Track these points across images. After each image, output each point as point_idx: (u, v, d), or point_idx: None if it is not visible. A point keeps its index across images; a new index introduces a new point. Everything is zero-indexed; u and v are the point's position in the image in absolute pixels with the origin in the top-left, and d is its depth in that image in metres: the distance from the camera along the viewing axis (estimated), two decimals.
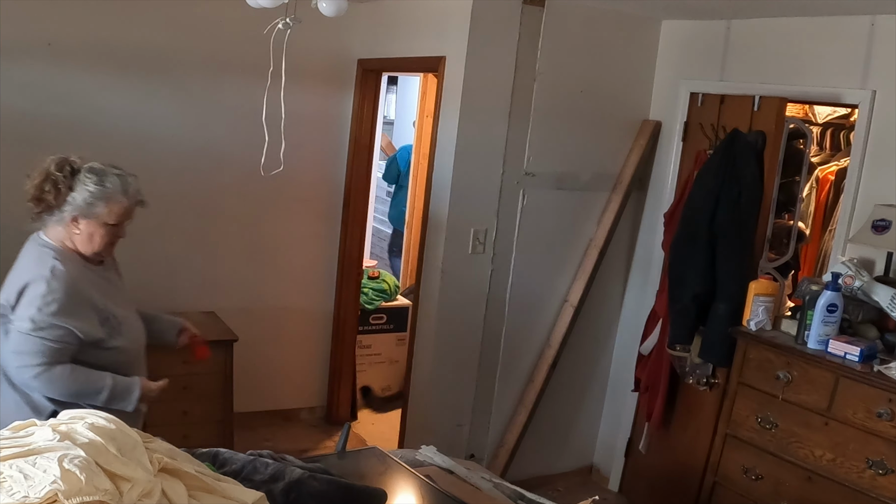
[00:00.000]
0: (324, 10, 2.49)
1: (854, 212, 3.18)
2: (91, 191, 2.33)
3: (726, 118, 3.56)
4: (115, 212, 2.37)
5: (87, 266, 2.41)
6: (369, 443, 4.09)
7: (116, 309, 2.44)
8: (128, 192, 2.38)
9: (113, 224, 2.38)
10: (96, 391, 2.33)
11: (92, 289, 2.38)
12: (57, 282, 2.29)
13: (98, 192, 2.33)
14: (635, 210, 4.12)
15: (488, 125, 3.63)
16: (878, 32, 3.11)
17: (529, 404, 3.97)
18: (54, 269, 2.31)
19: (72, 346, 2.30)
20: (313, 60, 4.16)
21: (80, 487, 1.35)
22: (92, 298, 2.36)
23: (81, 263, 2.39)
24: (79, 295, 2.33)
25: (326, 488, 1.89)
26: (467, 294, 3.76)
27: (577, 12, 3.72)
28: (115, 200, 2.35)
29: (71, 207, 2.34)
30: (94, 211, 2.34)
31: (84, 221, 2.35)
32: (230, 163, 4.05)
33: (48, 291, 2.27)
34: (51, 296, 2.27)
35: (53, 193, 2.34)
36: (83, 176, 2.35)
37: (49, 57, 3.64)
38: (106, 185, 2.35)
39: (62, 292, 2.28)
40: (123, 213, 2.39)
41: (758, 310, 3.13)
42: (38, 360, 2.27)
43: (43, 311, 2.26)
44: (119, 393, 2.36)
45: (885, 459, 2.65)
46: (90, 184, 2.34)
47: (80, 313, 2.31)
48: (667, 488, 3.70)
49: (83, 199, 2.33)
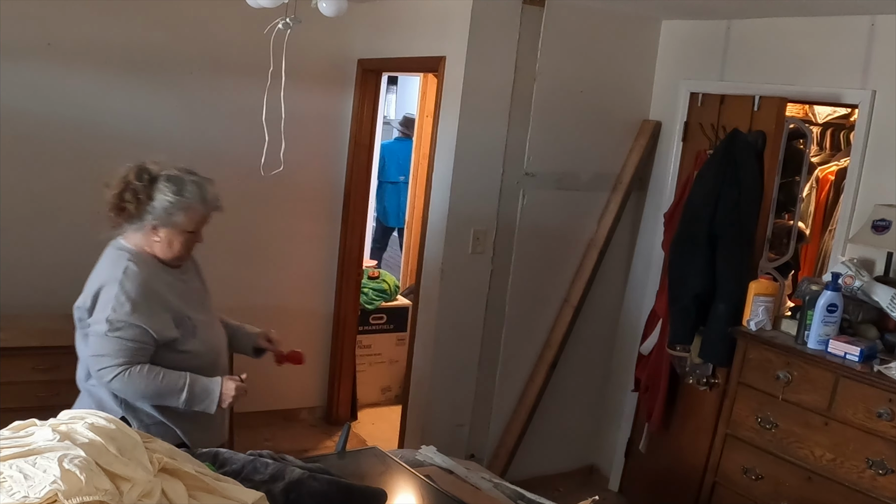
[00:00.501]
0: (324, 10, 2.50)
1: (854, 212, 3.18)
2: (170, 200, 2.34)
3: (726, 118, 3.56)
4: (194, 219, 2.39)
5: (163, 269, 2.43)
6: (369, 443, 4.09)
7: (192, 312, 2.45)
8: (206, 199, 2.39)
9: (191, 231, 2.40)
10: (176, 391, 2.32)
11: (167, 290, 2.39)
12: (130, 282, 2.31)
13: (177, 201, 2.34)
14: (635, 210, 4.12)
15: (488, 125, 3.63)
16: (878, 32, 3.11)
17: (529, 404, 3.97)
18: (127, 269, 2.33)
19: (148, 346, 2.32)
20: (313, 60, 4.16)
21: (80, 487, 1.35)
22: (166, 299, 2.38)
23: (158, 266, 2.42)
24: (153, 295, 2.34)
25: (326, 488, 1.89)
26: (467, 294, 3.76)
27: (577, 12, 3.72)
28: (193, 209, 2.37)
29: (151, 217, 2.35)
30: (174, 220, 2.36)
31: (163, 230, 2.37)
32: (230, 162, 4.04)
33: (121, 292, 2.30)
34: (124, 296, 2.29)
35: (134, 203, 2.35)
36: (161, 185, 2.36)
37: (49, 57, 3.64)
38: (185, 194, 2.35)
39: (135, 292, 2.30)
40: (201, 220, 2.42)
41: (758, 310, 3.13)
42: (116, 360, 2.28)
43: (118, 311, 2.28)
44: (198, 393, 2.34)
45: (885, 459, 2.64)
46: (169, 193, 2.34)
47: (154, 313, 2.32)
48: (667, 488, 3.70)
49: (162, 209, 2.34)
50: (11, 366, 3.28)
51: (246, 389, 2.39)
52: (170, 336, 2.35)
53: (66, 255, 3.81)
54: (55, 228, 3.78)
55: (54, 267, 3.79)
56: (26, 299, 3.68)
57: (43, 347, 3.40)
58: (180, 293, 2.45)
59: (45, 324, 3.60)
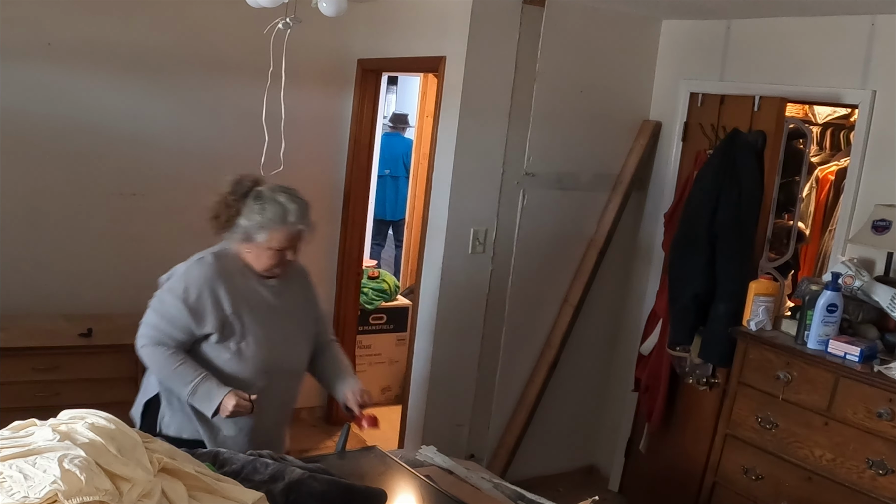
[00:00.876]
0: (324, 10, 2.50)
1: (854, 212, 3.18)
2: (253, 219, 2.41)
3: (726, 118, 3.56)
4: (277, 238, 2.43)
5: (251, 274, 2.48)
6: (369, 443, 4.09)
7: (254, 323, 2.45)
8: (286, 220, 2.41)
9: (277, 248, 2.43)
10: (184, 383, 2.38)
11: (233, 292, 2.44)
12: (195, 272, 2.43)
13: (258, 221, 2.41)
14: (635, 210, 4.12)
15: (488, 125, 3.63)
16: (878, 32, 3.11)
17: (529, 404, 3.97)
18: (202, 260, 2.46)
19: (177, 334, 2.41)
20: (313, 60, 4.16)
21: (80, 487, 1.35)
22: (221, 299, 2.42)
23: (245, 270, 2.48)
24: (208, 292, 2.41)
25: (326, 488, 1.89)
26: (467, 294, 3.76)
27: (577, 12, 3.72)
28: (274, 229, 2.41)
29: (238, 231, 2.43)
30: (256, 238, 2.43)
31: (249, 244, 2.45)
32: (230, 162, 4.01)
33: (183, 278, 2.43)
34: (182, 283, 2.42)
35: (225, 216, 2.43)
36: (249, 202, 2.42)
37: (49, 57, 3.64)
38: (266, 214, 2.41)
39: (193, 283, 2.41)
40: (285, 240, 2.44)
41: (758, 310, 3.13)
42: (146, 331, 2.45)
43: (169, 292, 2.44)
44: (201, 394, 2.37)
45: (885, 459, 2.64)
46: (253, 212, 2.41)
47: (199, 308, 2.40)
48: (667, 488, 3.70)
49: (246, 226, 2.42)
50: (11, 366, 3.28)
51: (249, 409, 2.37)
52: (202, 332, 2.41)
53: (66, 256, 3.82)
54: (55, 228, 3.78)
55: (54, 267, 3.79)
56: (26, 299, 3.69)
57: (43, 347, 3.40)
58: (254, 302, 2.47)
59: (45, 324, 3.60)
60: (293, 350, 2.59)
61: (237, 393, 2.37)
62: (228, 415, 2.36)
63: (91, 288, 3.86)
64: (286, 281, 2.57)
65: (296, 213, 2.43)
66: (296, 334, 2.59)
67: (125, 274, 3.95)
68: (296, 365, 2.61)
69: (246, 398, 2.37)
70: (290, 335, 2.57)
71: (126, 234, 3.93)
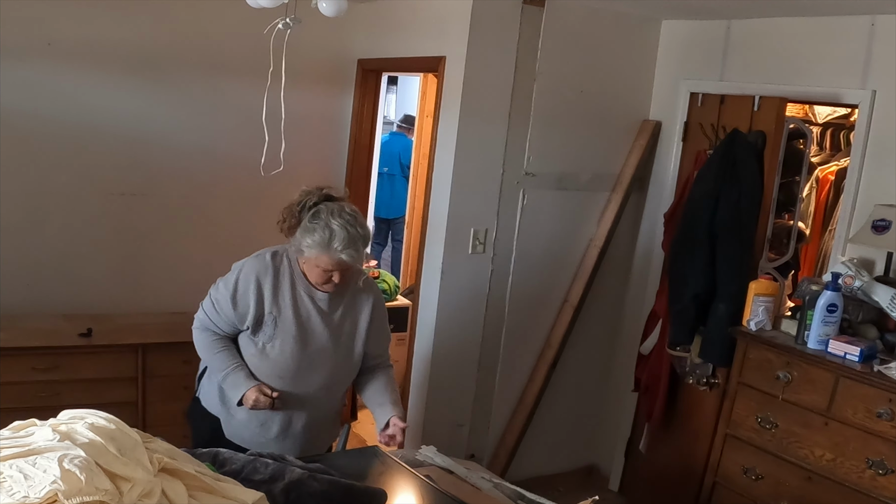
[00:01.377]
0: (324, 10, 2.49)
1: (854, 212, 3.18)
2: (304, 236, 2.44)
3: (726, 118, 3.56)
4: (322, 261, 2.44)
5: (302, 280, 2.52)
6: (369, 443, 4.09)
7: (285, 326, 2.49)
8: (330, 248, 2.41)
9: (324, 269, 2.45)
10: (218, 370, 2.53)
11: (276, 292, 2.49)
12: (249, 266, 2.52)
13: (307, 239, 2.43)
14: (635, 210, 4.12)
15: (488, 125, 3.63)
16: (878, 32, 3.11)
17: (529, 404, 3.97)
18: (260, 256, 2.55)
19: (222, 323, 2.53)
20: (313, 60, 4.16)
21: (80, 487, 1.35)
22: (264, 295, 2.49)
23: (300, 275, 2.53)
24: (255, 287, 2.49)
25: (326, 488, 1.89)
26: (467, 294, 3.76)
27: (577, 12, 3.72)
28: (317, 252, 2.43)
29: (294, 242, 2.49)
30: (304, 254, 2.46)
31: (301, 257, 2.50)
32: (230, 162, 4.05)
33: (236, 269, 2.54)
34: (235, 275, 2.52)
35: (288, 224, 2.50)
36: (308, 217, 2.45)
37: (49, 57, 3.64)
38: (314, 236, 2.42)
39: (244, 276, 2.50)
40: (329, 264, 2.44)
41: (758, 310, 3.13)
42: (199, 315, 2.59)
43: (223, 282, 2.55)
44: (230, 383, 2.51)
45: (885, 459, 2.65)
46: (305, 230, 2.44)
47: (241, 301, 2.49)
48: (667, 488, 3.70)
49: (298, 241, 2.46)
50: (11, 366, 3.29)
51: (270, 405, 2.47)
52: (244, 325, 2.50)
53: (66, 256, 3.82)
54: (55, 228, 3.78)
55: (54, 267, 3.79)
56: (26, 299, 3.69)
57: (43, 347, 3.40)
58: (295, 308, 2.50)
59: (45, 324, 3.60)
60: (322, 365, 2.56)
61: (260, 388, 2.46)
62: (250, 406, 2.46)
63: (91, 288, 3.87)
64: (343, 297, 2.57)
65: (342, 242, 2.40)
66: (332, 351, 2.57)
67: (125, 274, 3.96)
68: (323, 381, 2.58)
69: (268, 394, 2.46)
70: (325, 351, 2.55)
71: (126, 234, 3.93)
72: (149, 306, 3.96)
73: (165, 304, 3.92)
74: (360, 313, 2.61)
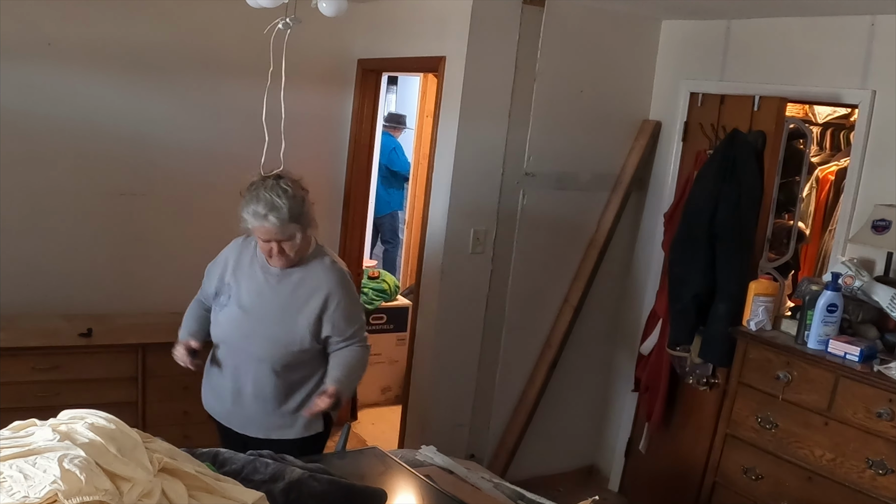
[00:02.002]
0: (324, 10, 2.49)
1: (854, 212, 3.18)
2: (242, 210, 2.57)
3: (726, 118, 3.56)
4: (259, 231, 2.57)
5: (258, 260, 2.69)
6: (369, 443, 4.09)
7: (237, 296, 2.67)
8: (257, 215, 2.53)
9: (263, 240, 2.58)
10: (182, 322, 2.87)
11: (237, 266, 2.72)
12: (230, 245, 2.82)
13: (243, 213, 2.57)
14: (635, 210, 4.12)
15: (488, 125, 3.63)
16: (878, 32, 3.11)
17: (529, 404, 3.97)
18: (235, 240, 2.82)
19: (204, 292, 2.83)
20: (313, 60, 4.16)
21: (80, 487, 1.35)
22: (227, 268, 2.74)
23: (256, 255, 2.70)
24: (222, 261, 2.79)
25: (326, 488, 1.89)
26: (467, 294, 3.76)
27: (577, 12, 3.72)
28: (251, 222, 2.56)
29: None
30: (247, 226, 2.59)
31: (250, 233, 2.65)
32: (230, 162, 4.03)
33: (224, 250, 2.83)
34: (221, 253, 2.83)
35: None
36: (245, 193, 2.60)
37: (49, 57, 3.64)
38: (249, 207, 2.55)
39: (221, 254, 2.82)
40: (263, 233, 2.56)
41: (758, 310, 3.13)
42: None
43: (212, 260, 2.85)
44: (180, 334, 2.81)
45: (885, 459, 2.65)
46: (243, 203, 2.58)
47: (212, 273, 2.81)
48: (667, 488, 3.70)
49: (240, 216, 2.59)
50: (11, 366, 3.29)
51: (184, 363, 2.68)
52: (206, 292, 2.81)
53: (66, 256, 3.82)
54: (55, 228, 3.78)
55: (54, 267, 3.79)
56: (26, 299, 3.68)
57: (43, 347, 3.40)
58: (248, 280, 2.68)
59: (45, 324, 3.60)
60: (261, 335, 2.62)
61: (185, 344, 2.70)
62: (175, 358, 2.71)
63: (91, 288, 3.86)
64: (297, 275, 2.65)
65: (266, 208, 2.51)
66: (273, 322, 2.63)
67: (125, 274, 3.95)
68: (263, 351, 2.62)
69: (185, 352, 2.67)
70: (266, 320, 2.63)
71: (126, 234, 3.93)
72: (149, 306, 3.95)
73: (165, 304, 3.91)
74: (313, 291, 2.65)
